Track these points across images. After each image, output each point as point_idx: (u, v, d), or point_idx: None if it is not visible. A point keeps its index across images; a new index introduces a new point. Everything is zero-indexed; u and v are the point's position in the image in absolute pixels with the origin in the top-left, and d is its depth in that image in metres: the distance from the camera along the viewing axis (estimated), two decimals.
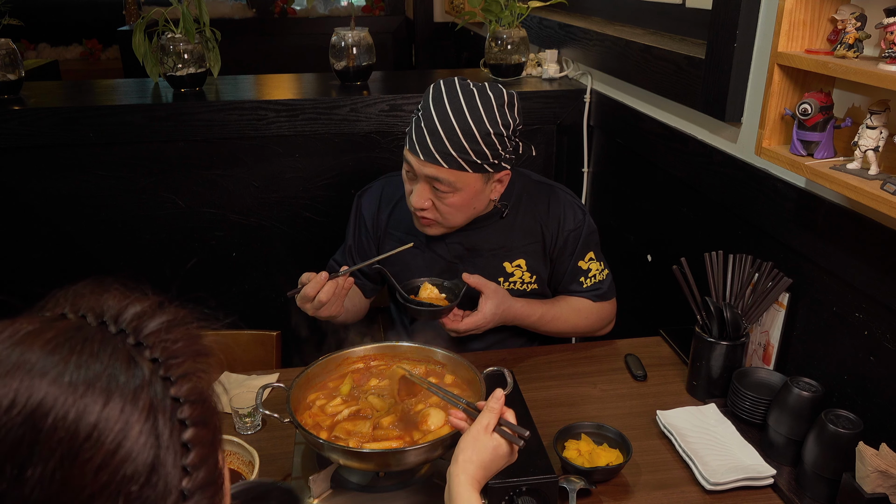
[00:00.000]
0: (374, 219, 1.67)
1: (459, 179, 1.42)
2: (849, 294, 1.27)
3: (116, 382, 0.49)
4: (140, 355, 0.52)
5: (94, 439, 0.46)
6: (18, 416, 0.45)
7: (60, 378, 0.47)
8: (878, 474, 1.04)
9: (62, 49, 5.39)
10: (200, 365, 0.55)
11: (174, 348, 0.54)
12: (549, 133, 2.34)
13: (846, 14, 1.13)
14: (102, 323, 0.53)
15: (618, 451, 1.27)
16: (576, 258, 1.62)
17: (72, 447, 0.46)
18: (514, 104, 1.44)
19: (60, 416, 0.46)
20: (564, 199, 1.63)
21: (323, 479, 1.15)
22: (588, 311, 1.65)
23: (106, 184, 2.17)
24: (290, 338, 1.97)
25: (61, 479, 0.45)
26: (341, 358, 1.33)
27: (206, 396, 0.55)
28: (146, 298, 0.56)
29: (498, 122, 1.40)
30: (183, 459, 0.51)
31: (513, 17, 2.39)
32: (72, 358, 0.48)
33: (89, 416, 0.46)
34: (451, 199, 1.45)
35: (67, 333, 0.50)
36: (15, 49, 2.15)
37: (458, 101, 1.40)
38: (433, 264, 1.62)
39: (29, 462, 0.45)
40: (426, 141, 1.40)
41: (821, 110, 1.17)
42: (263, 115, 2.14)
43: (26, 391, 0.46)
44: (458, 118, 1.39)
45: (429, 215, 1.49)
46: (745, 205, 1.54)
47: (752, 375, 1.40)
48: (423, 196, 1.46)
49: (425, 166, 1.42)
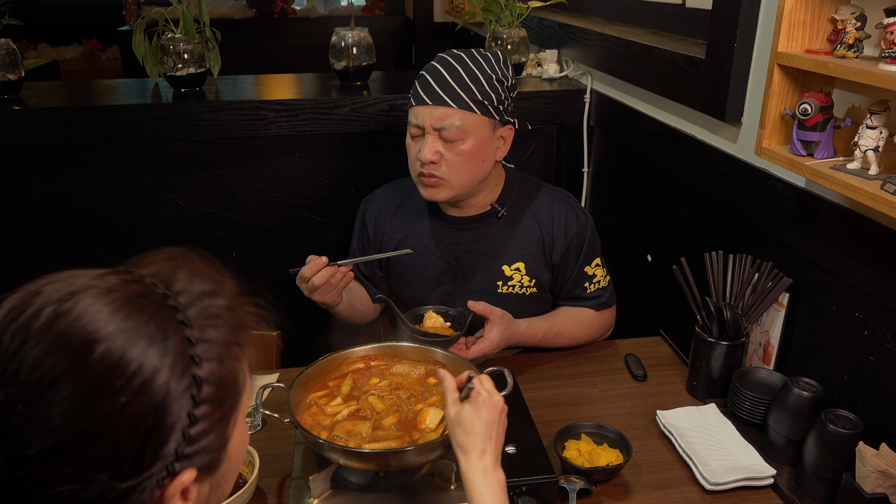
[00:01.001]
0: (375, 225, 1.68)
1: (468, 122, 1.46)
2: (849, 294, 1.27)
3: (149, 352, 0.58)
4: (180, 332, 0.61)
5: (121, 378, 0.56)
6: (76, 341, 0.56)
7: (117, 325, 0.58)
8: (878, 474, 1.04)
9: (62, 49, 5.39)
10: (229, 352, 0.64)
11: (211, 335, 0.63)
12: (549, 133, 2.34)
13: (846, 14, 1.13)
14: (166, 294, 0.63)
15: (618, 451, 1.27)
16: (582, 263, 1.62)
17: (106, 376, 0.56)
18: (508, 64, 1.53)
19: (106, 352, 0.57)
20: (566, 203, 1.63)
21: (323, 479, 1.15)
22: (590, 322, 1.65)
23: (106, 184, 2.17)
24: (290, 338, 1.97)
25: (74, 409, 0.55)
26: (341, 358, 1.33)
27: (226, 380, 0.64)
28: (217, 279, 0.67)
29: (497, 70, 1.49)
30: (188, 429, 0.60)
31: (513, 17, 2.39)
32: (132, 315, 0.59)
33: (123, 369, 0.57)
34: (462, 147, 1.47)
35: (135, 295, 0.61)
36: (15, 49, 2.15)
37: (459, 56, 1.49)
38: (431, 266, 1.61)
39: (68, 378, 0.55)
40: (432, 87, 1.46)
41: (821, 110, 1.17)
42: (263, 115, 2.14)
43: (90, 327, 0.57)
44: (461, 65, 1.47)
45: (436, 171, 1.49)
46: (745, 205, 1.54)
47: (752, 375, 1.40)
48: (431, 148, 1.47)
49: (435, 110, 1.45)
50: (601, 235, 1.69)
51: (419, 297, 1.64)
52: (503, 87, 1.49)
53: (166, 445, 0.59)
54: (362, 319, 1.71)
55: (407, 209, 1.66)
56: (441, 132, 1.46)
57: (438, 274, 1.61)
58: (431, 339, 1.42)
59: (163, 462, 0.59)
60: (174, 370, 0.59)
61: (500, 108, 1.50)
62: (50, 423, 0.55)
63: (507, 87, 1.50)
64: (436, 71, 1.48)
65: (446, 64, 1.48)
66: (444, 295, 1.63)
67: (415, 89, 1.50)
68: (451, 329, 1.49)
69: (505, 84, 1.50)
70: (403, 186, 1.69)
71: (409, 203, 1.67)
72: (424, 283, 1.63)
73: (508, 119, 1.54)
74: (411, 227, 1.64)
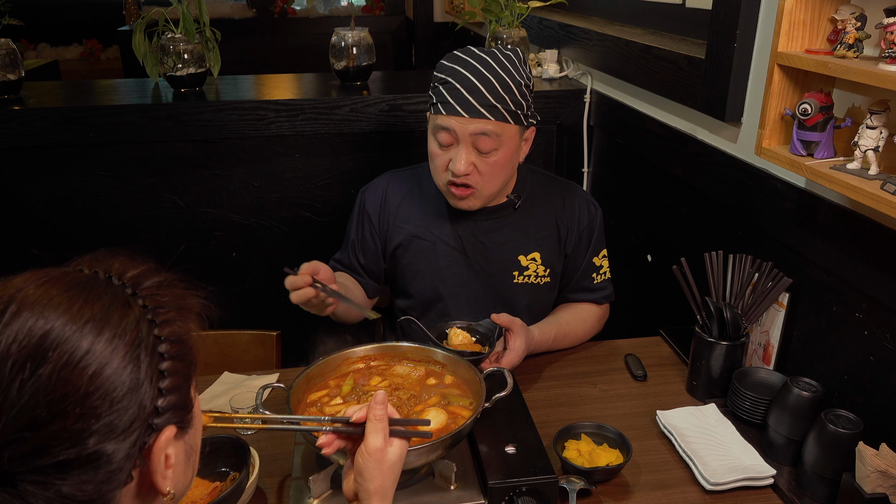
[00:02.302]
0: (379, 214, 1.65)
1: (504, 132, 1.44)
2: (849, 294, 1.27)
3: (110, 320, 0.63)
4: (134, 302, 0.66)
5: (83, 361, 0.60)
6: (32, 335, 0.59)
7: (68, 312, 0.61)
8: (878, 474, 1.04)
9: (62, 49, 5.39)
10: (182, 315, 0.70)
11: (162, 300, 0.69)
12: (549, 133, 2.34)
13: (846, 14, 1.13)
14: (109, 277, 0.68)
15: (618, 451, 1.27)
16: (591, 254, 1.63)
17: (67, 363, 0.59)
18: (526, 61, 1.49)
19: (62, 339, 0.60)
20: (579, 194, 1.66)
21: (323, 479, 1.15)
22: (594, 319, 1.67)
23: (106, 184, 2.17)
24: (290, 338, 1.97)
25: (51, 386, 0.58)
26: (341, 358, 1.33)
27: (184, 338, 0.69)
28: (146, 264, 0.72)
29: (523, 74, 1.46)
30: (159, 383, 0.65)
31: (513, 17, 2.39)
32: (80, 297, 0.63)
33: (84, 342, 0.60)
34: (495, 158, 1.46)
35: (80, 281, 0.65)
36: (15, 49, 2.15)
37: (485, 60, 1.44)
38: (444, 257, 1.60)
39: (28, 369, 0.58)
40: (465, 97, 1.42)
41: (821, 110, 1.17)
42: (263, 115, 2.14)
43: (42, 318, 0.60)
44: (492, 73, 1.43)
45: (471, 181, 1.48)
46: (745, 205, 1.54)
47: (752, 375, 1.40)
48: (467, 160, 1.45)
49: (471, 123, 1.42)
50: None
51: (431, 289, 1.62)
52: (530, 90, 1.48)
53: (143, 402, 0.64)
54: (358, 317, 1.70)
55: (415, 199, 1.64)
56: (476, 142, 1.44)
57: (451, 265, 1.60)
58: (467, 358, 1.36)
59: (143, 420, 0.64)
60: (138, 332, 0.64)
61: (529, 114, 1.49)
62: (25, 401, 0.58)
63: (531, 88, 1.48)
64: (464, 78, 1.42)
65: (475, 70, 1.42)
66: (458, 286, 1.61)
67: (441, 96, 1.45)
68: (478, 344, 1.47)
69: (530, 86, 1.48)
70: (407, 175, 1.68)
71: (418, 193, 1.65)
72: (437, 273, 1.61)
73: (532, 121, 1.52)
74: (422, 218, 1.62)
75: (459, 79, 1.43)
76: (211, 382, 1.54)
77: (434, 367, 1.33)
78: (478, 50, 1.47)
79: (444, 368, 1.32)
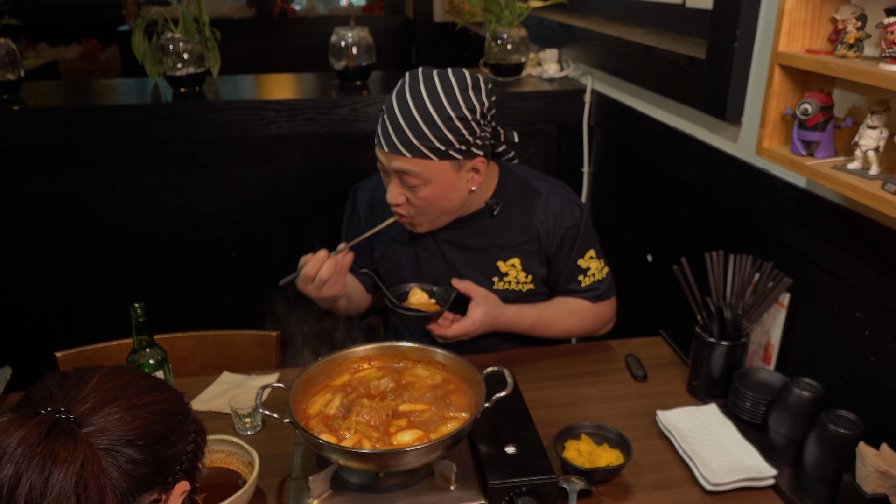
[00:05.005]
0: (367, 213, 1.66)
1: (426, 169, 1.39)
2: (849, 294, 1.27)
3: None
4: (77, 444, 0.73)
5: None
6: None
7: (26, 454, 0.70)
8: (878, 475, 1.04)
9: (61, 49, 5.39)
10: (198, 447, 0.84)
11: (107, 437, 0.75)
12: (549, 133, 2.34)
13: (846, 14, 1.13)
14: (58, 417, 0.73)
15: (618, 451, 1.27)
16: (575, 256, 1.60)
17: None
18: (479, 87, 1.40)
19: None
20: (562, 195, 1.61)
21: (323, 480, 1.15)
22: (584, 313, 1.63)
23: (106, 184, 2.17)
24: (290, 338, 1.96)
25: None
26: (341, 358, 1.33)
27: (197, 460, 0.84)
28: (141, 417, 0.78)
29: (461, 105, 1.37)
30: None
31: (513, 16, 2.39)
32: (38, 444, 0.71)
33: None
34: (423, 193, 1.42)
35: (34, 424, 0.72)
36: (14, 49, 2.15)
37: (418, 90, 1.38)
38: (425, 263, 1.61)
39: None
40: (389, 133, 1.39)
41: (821, 110, 1.17)
42: (263, 115, 2.14)
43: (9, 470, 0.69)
44: (417, 105, 1.36)
45: (403, 211, 1.47)
46: (746, 205, 1.54)
47: (753, 376, 1.39)
48: (395, 192, 1.44)
49: (391, 159, 1.40)
50: (601, 235, 1.69)
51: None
52: (468, 122, 1.38)
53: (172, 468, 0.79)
54: (358, 310, 1.72)
55: None
56: (402, 176, 1.42)
57: (433, 272, 1.60)
58: (414, 314, 1.44)
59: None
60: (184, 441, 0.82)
61: (463, 148, 1.40)
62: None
63: (473, 119, 1.39)
64: (391, 111, 1.39)
65: (402, 104, 1.38)
66: None
67: (380, 125, 1.43)
68: (436, 306, 1.49)
69: (471, 118, 1.38)
70: None
71: None
72: (417, 278, 1.62)
73: (477, 152, 1.43)
74: None
75: (388, 111, 1.40)
76: (211, 382, 1.54)
77: (434, 367, 1.33)
78: (423, 76, 1.40)
79: (444, 368, 1.32)
